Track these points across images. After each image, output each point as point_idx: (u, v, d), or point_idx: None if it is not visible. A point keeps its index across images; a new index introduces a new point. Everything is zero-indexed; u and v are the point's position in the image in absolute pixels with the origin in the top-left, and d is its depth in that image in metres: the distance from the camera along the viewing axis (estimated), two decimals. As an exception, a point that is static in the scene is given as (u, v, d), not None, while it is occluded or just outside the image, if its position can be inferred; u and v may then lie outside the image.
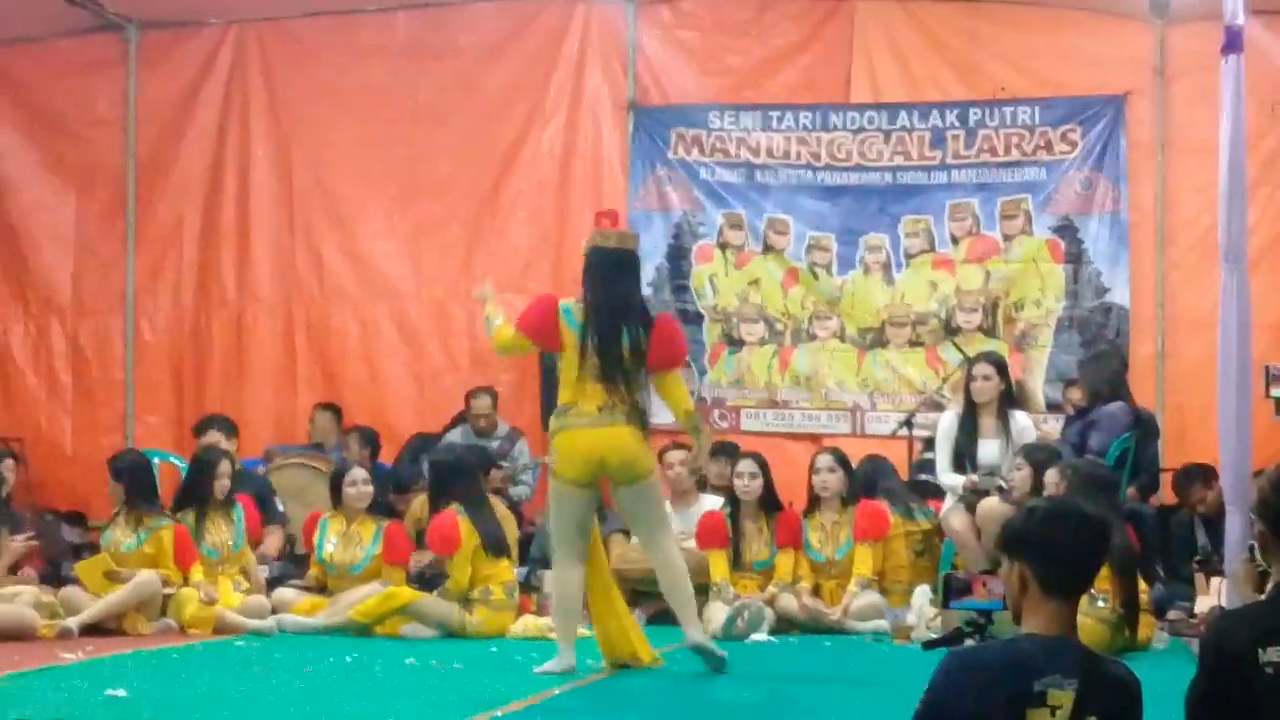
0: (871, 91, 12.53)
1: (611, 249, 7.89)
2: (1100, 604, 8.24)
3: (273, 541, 10.80)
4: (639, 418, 7.77)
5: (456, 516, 9.45)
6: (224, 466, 10.31)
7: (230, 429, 11.37)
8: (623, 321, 7.74)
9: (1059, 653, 3.74)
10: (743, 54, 12.79)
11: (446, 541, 9.43)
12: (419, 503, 10.79)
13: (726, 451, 11.34)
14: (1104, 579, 8.14)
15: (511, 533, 10.11)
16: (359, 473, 10.26)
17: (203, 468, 10.31)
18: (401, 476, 11.78)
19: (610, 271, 7.83)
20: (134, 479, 10.08)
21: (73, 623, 9.17)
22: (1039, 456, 9.26)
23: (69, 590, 9.65)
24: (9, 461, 10.80)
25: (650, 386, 7.97)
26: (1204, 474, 10.50)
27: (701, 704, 6.90)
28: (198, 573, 9.77)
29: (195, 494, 10.19)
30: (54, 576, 10.52)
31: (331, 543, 10.05)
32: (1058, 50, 12.33)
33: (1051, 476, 8.84)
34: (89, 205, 13.43)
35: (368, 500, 10.12)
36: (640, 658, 7.93)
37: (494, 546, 9.54)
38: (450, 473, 9.75)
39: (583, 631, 8.17)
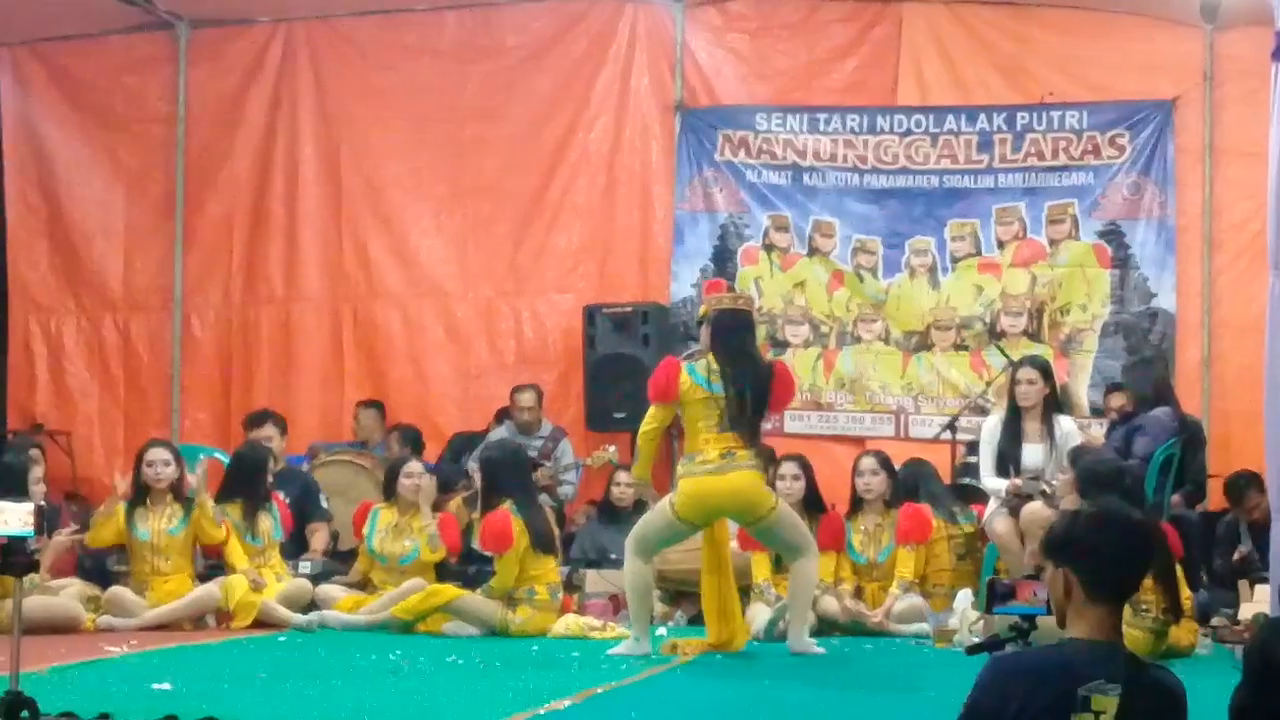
0: (919, 95, 12.51)
1: (731, 310, 8.55)
2: (1145, 613, 8.19)
3: (319, 539, 10.84)
4: (758, 461, 8.47)
5: (509, 515, 9.46)
6: (271, 464, 10.51)
7: (282, 425, 11.46)
8: (747, 375, 8.34)
9: (1104, 658, 3.73)
10: (790, 56, 12.78)
11: (500, 540, 9.42)
12: (455, 505, 10.84)
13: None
14: (1149, 589, 8.09)
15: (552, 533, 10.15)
16: (415, 465, 10.36)
17: (253, 465, 10.42)
18: (444, 475, 11.81)
19: (736, 331, 8.46)
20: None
21: (120, 623, 9.29)
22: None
23: (116, 590, 9.72)
24: (35, 452, 10.91)
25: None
26: (1260, 480, 10.45)
27: (742, 705, 6.90)
28: (243, 560, 9.90)
29: (242, 488, 10.28)
30: (99, 571, 10.60)
31: (382, 533, 10.11)
32: (1106, 54, 12.30)
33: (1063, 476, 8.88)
34: (140, 201, 13.55)
35: (419, 492, 10.17)
36: (738, 641, 8.64)
37: (543, 545, 9.57)
38: (502, 470, 9.74)
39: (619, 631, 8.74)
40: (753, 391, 8.31)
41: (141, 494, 9.89)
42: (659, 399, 8.47)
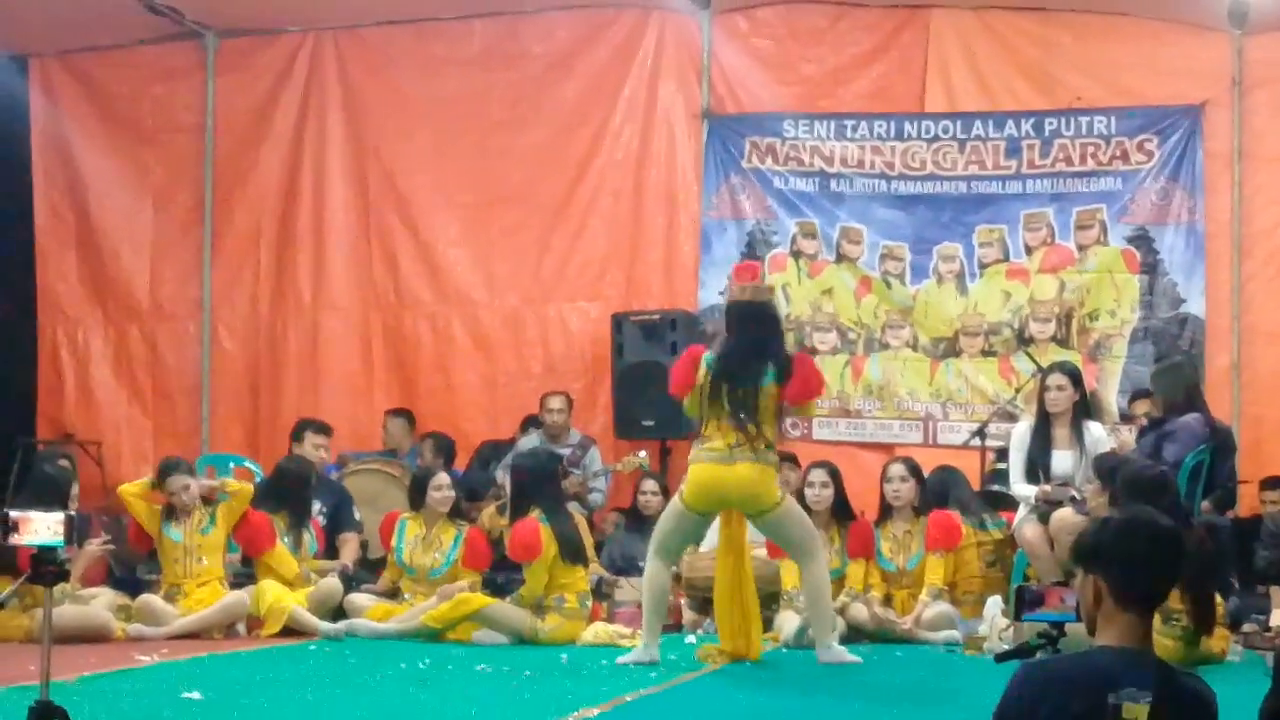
0: (946, 100, 12.48)
1: (745, 302, 8.47)
2: (1175, 622, 8.15)
3: (349, 549, 10.85)
4: (767, 455, 8.28)
5: (538, 524, 9.47)
6: (313, 479, 10.64)
7: (328, 433, 11.49)
8: (754, 367, 8.26)
9: (1134, 665, 3.71)
10: (817, 63, 12.75)
11: (528, 549, 9.44)
12: (488, 513, 10.83)
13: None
14: (1176, 599, 8.07)
15: (586, 539, 10.14)
16: (444, 477, 10.34)
17: (296, 478, 10.54)
18: (472, 484, 11.82)
19: (745, 323, 8.41)
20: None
21: (150, 631, 9.33)
22: (1107, 469, 9.14)
23: (146, 598, 9.75)
24: (64, 463, 10.95)
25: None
26: None
27: (770, 713, 6.90)
28: (292, 566, 10.02)
29: (286, 500, 10.35)
30: (130, 580, 10.63)
31: (410, 545, 10.12)
32: (1134, 60, 12.25)
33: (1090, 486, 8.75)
34: (168, 211, 13.60)
35: (450, 504, 10.19)
36: (753, 654, 8.54)
37: (572, 554, 9.57)
38: (532, 479, 9.76)
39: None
40: (760, 385, 8.19)
41: (169, 507, 9.95)
42: (677, 393, 8.52)
